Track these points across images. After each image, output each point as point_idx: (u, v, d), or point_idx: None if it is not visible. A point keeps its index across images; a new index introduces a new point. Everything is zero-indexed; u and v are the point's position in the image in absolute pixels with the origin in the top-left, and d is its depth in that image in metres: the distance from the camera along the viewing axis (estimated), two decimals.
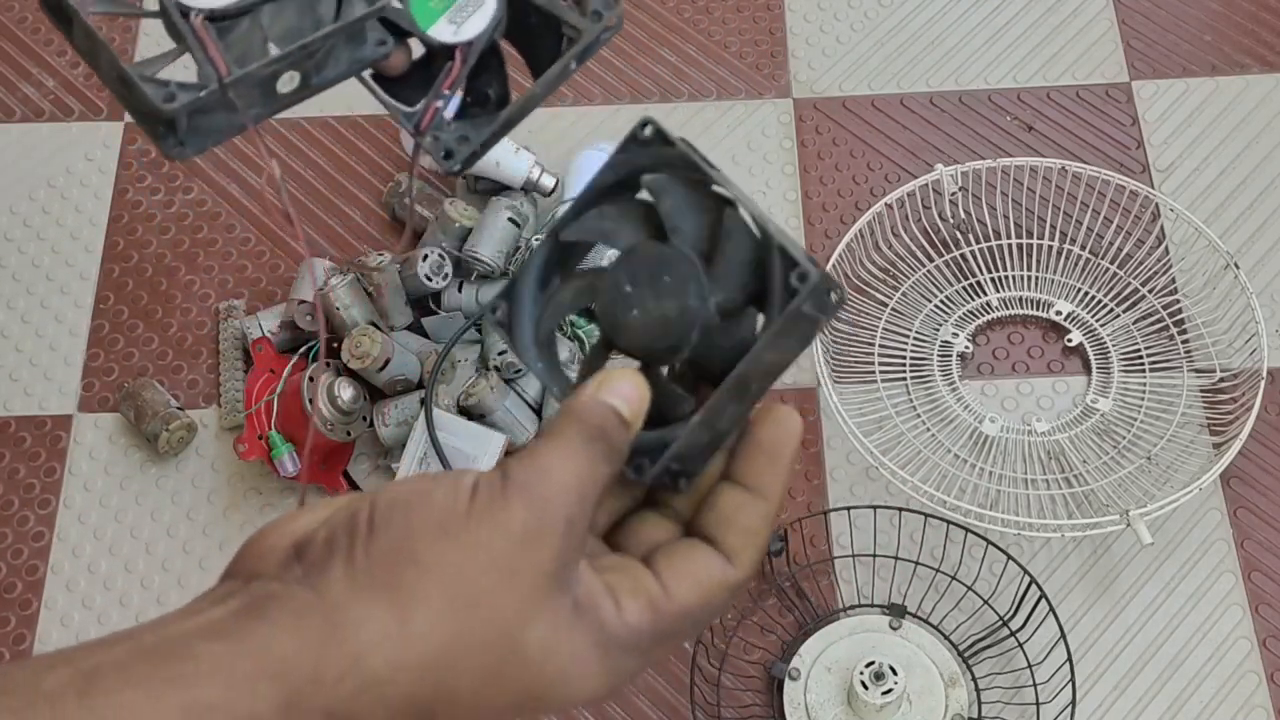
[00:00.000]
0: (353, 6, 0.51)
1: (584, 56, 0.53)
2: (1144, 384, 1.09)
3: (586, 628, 0.42)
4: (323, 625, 0.40)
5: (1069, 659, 0.94)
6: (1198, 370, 1.09)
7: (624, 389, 0.44)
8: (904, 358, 1.11)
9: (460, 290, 1.10)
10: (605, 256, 0.49)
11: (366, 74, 0.53)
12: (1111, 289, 1.13)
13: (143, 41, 1.31)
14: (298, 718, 0.39)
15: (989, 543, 0.99)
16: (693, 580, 0.44)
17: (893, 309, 1.12)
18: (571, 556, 0.41)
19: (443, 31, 0.50)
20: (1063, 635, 0.95)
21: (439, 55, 0.52)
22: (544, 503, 0.41)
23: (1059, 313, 1.13)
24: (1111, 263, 1.14)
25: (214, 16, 0.50)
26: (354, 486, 1.05)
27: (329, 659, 0.39)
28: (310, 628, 0.40)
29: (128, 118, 1.27)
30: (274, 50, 0.49)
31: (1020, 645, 0.98)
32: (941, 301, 1.13)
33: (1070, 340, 1.12)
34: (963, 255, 1.15)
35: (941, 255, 1.15)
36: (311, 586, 0.40)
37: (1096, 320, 1.12)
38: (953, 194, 1.15)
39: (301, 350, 1.08)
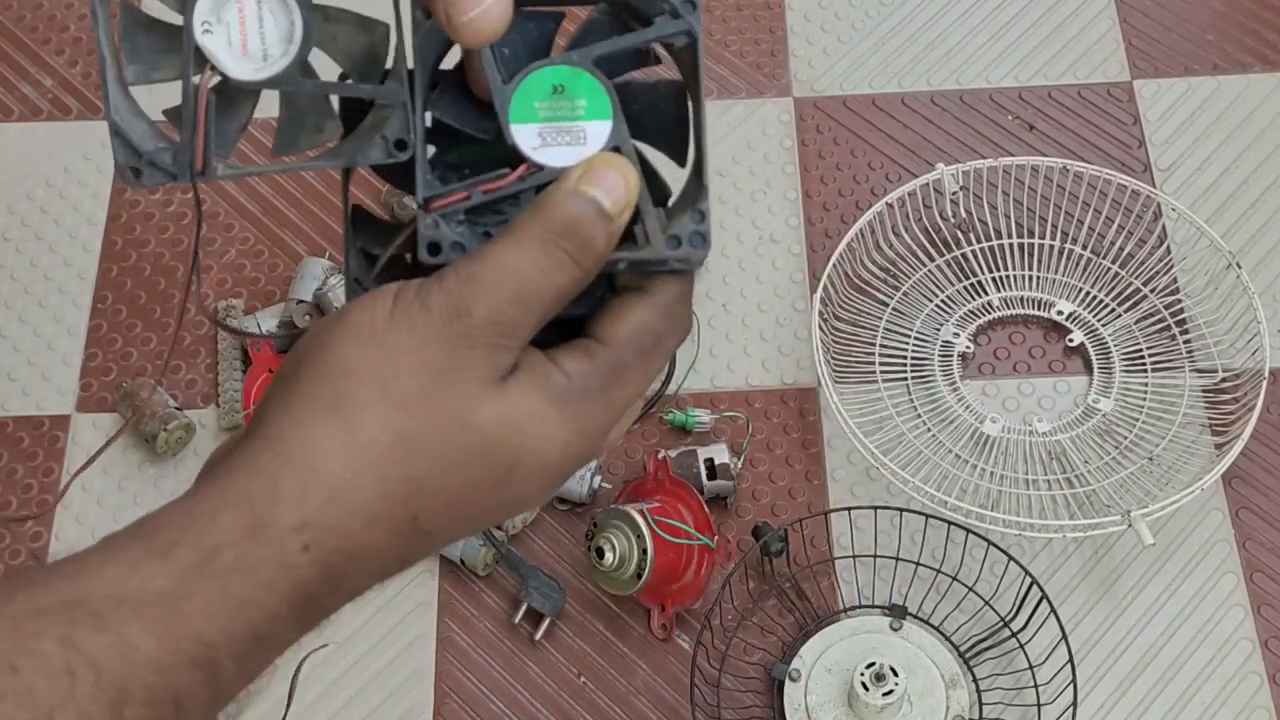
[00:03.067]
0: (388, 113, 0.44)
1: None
2: (1146, 384, 1.09)
3: (537, 392, 0.41)
4: (272, 456, 0.40)
5: (1070, 660, 0.94)
6: (1200, 370, 1.09)
7: (607, 178, 0.41)
8: (905, 358, 1.11)
9: None
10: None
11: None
12: (1113, 289, 1.13)
13: None
14: (267, 536, 0.39)
15: (990, 543, 0.99)
16: (618, 317, 0.43)
17: (893, 309, 1.12)
18: (503, 360, 0.41)
19: (526, 138, 0.43)
20: (1064, 636, 0.95)
21: (499, 151, 0.44)
22: (467, 307, 0.40)
23: (1060, 312, 1.12)
24: (1113, 262, 1.13)
25: (224, 90, 0.44)
26: None
27: (285, 479, 0.39)
28: (259, 462, 0.40)
29: None
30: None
31: (1021, 646, 0.98)
32: (942, 301, 1.13)
33: (1072, 340, 1.11)
34: (964, 255, 1.14)
35: (942, 255, 1.14)
36: (255, 435, 0.41)
37: (1098, 320, 1.12)
38: (954, 193, 1.14)
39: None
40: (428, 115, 0.44)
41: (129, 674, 0.37)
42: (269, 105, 0.46)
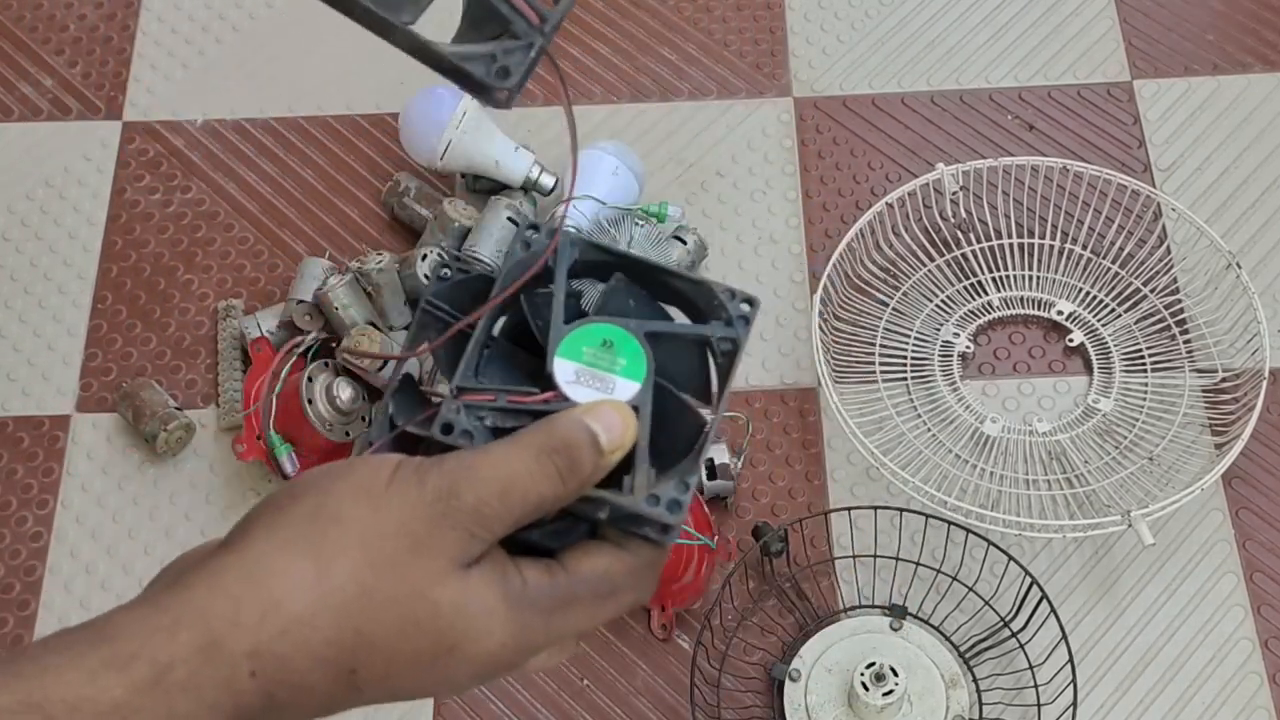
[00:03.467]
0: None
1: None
2: (1145, 384, 1.09)
3: (493, 587, 0.44)
4: (241, 577, 0.42)
5: (1070, 660, 0.94)
6: (1199, 370, 1.09)
7: (610, 418, 0.45)
8: (905, 358, 1.11)
9: None
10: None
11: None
12: (1113, 289, 1.13)
13: (140, 40, 1.31)
14: (220, 658, 0.41)
15: (990, 543, 0.99)
16: (588, 554, 0.47)
17: (894, 309, 1.12)
18: (474, 549, 0.44)
19: (564, 372, 0.47)
20: (1064, 636, 0.95)
21: (530, 367, 0.49)
22: (458, 490, 0.43)
23: (1060, 312, 1.12)
24: (1113, 262, 1.13)
25: None
26: None
27: (248, 603, 0.41)
28: (228, 581, 0.42)
29: (126, 116, 1.27)
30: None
31: (1021, 646, 0.98)
32: (942, 301, 1.13)
33: (1071, 340, 1.11)
34: (964, 255, 1.14)
35: (942, 255, 1.14)
36: (230, 550, 0.43)
37: (1098, 320, 1.12)
38: (954, 193, 1.14)
39: (300, 350, 1.08)
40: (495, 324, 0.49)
41: None
42: None
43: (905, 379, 1.10)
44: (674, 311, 0.51)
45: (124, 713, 0.39)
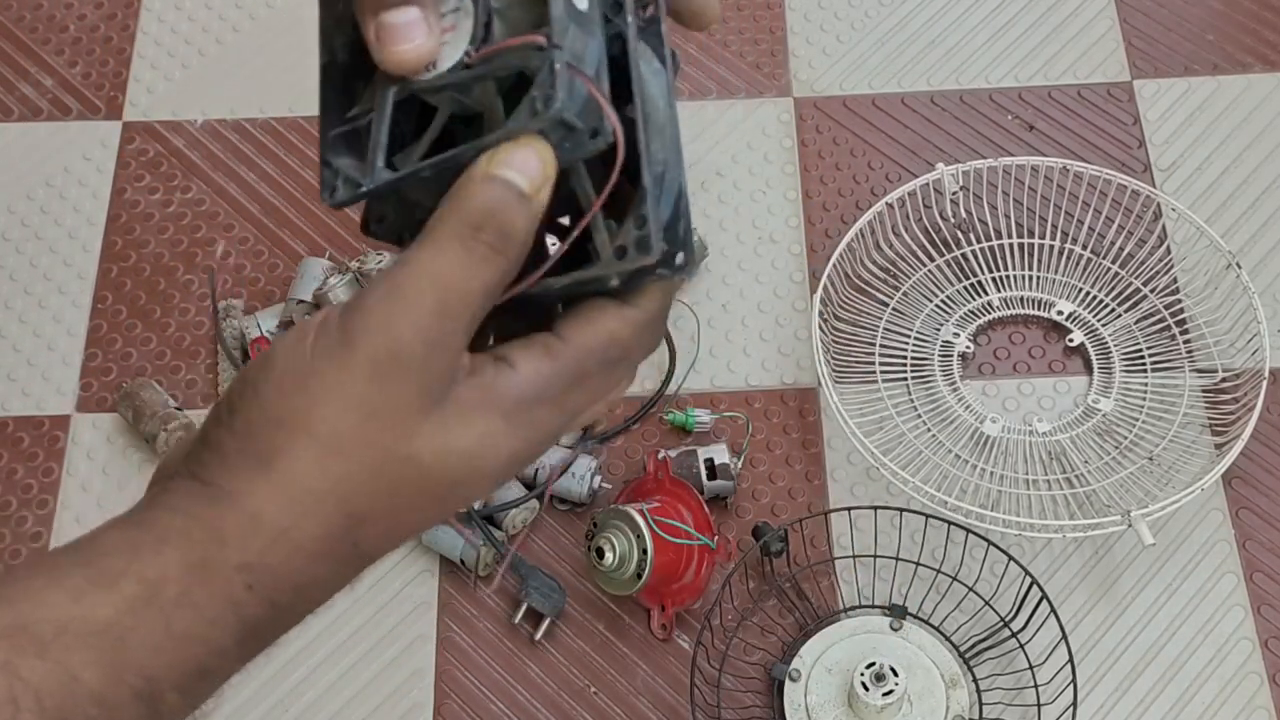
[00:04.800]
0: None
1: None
2: (1146, 384, 1.09)
3: (479, 409, 0.40)
4: (211, 500, 0.40)
5: (1070, 660, 0.94)
6: (1200, 370, 1.09)
7: (519, 158, 0.39)
8: (905, 358, 1.11)
9: None
10: None
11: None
12: (1113, 289, 1.13)
13: (140, 40, 1.31)
14: (210, 575, 0.39)
15: (990, 543, 0.99)
16: (587, 321, 0.41)
17: (893, 309, 1.12)
18: (437, 380, 0.39)
19: None
20: (1064, 636, 0.94)
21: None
22: (393, 334, 0.39)
23: (1060, 312, 1.12)
24: (1113, 262, 1.13)
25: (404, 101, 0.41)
26: None
27: (227, 522, 0.39)
28: (199, 504, 0.40)
29: (126, 116, 1.27)
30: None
31: (1021, 646, 0.98)
32: (942, 301, 1.13)
33: (1072, 340, 1.11)
34: (964, 255, 1.14)
35: (942, 255, 1.14)
36: (192, 476, 0.41)
37: (1098, 320, 1.12)
38: (954, 193, 1.14)
39: None
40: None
41: (71, 705, 0.37)
42: None
43: (905, 379, 1.10)
44: None
45: (118, 631, 0.37)
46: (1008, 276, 1.14)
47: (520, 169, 0.38)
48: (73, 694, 0.37)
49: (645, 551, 0.94)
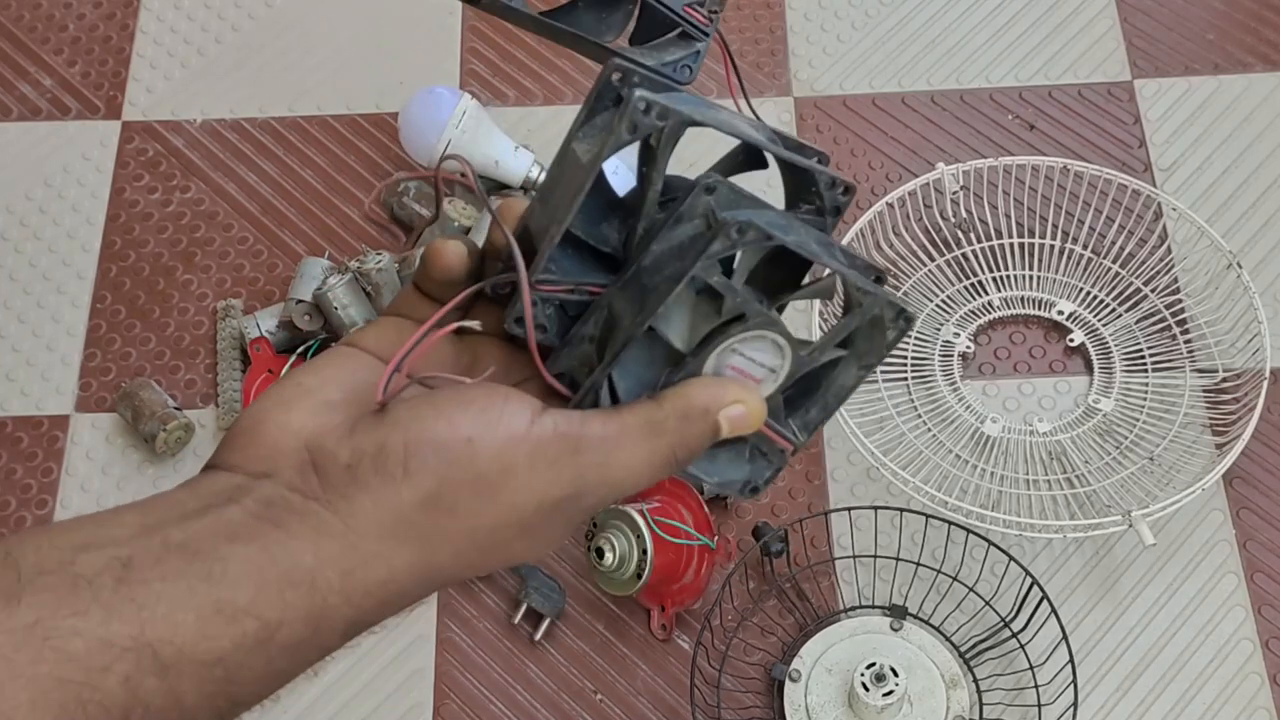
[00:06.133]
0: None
1: None
2: (1146, 384, 1.09)
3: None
4: (349, 551, 0.41)
5: (1071, 660, 0.94)
6: (1200, 370, 1.09)
7: (741, 416, 0.44)
8: (905, 357, 1.10)
9: None
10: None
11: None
12: (1113, 288, 1.13)
13: (139, 40, 1.30)
14: (323, 627, 0.41)
15: (990, 544, 0.99)
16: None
17: None
18: (583, 521, 0.45)
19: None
20: (1064, 636, 0.94)
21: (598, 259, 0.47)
22: (583, 492, 0.42)
23: (1061, 312, 1.12)
24: (1113, 262, 1.13)
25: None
26: None
27: (357, 581, 0.41)
28: (335, 549, 0.41)
29: (125, 116, 1.27)
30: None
31: (1022, 646, 0.98)
32: (943, 301, 1.13)
33: (1072, 340, 1.11)
34: (964, 254, 1.14)
35: (943, 254, 1.14)
36: (334, 510, 0.41)
37: (1098, 320, 1.12)
38: (954, 193, 1.14)
39: (300, 350, 1.08)
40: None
41: None
42: None
43: (905, 379, 1.10)
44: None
45: (227, 666, 0.39)
46: (1008, 276, 1.14)
47: (733, 424, 0.44)
48: (175, 715, 0.39)
49: (645, 551, 0.94)
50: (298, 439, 0.42)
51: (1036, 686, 0.96)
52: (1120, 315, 1.12)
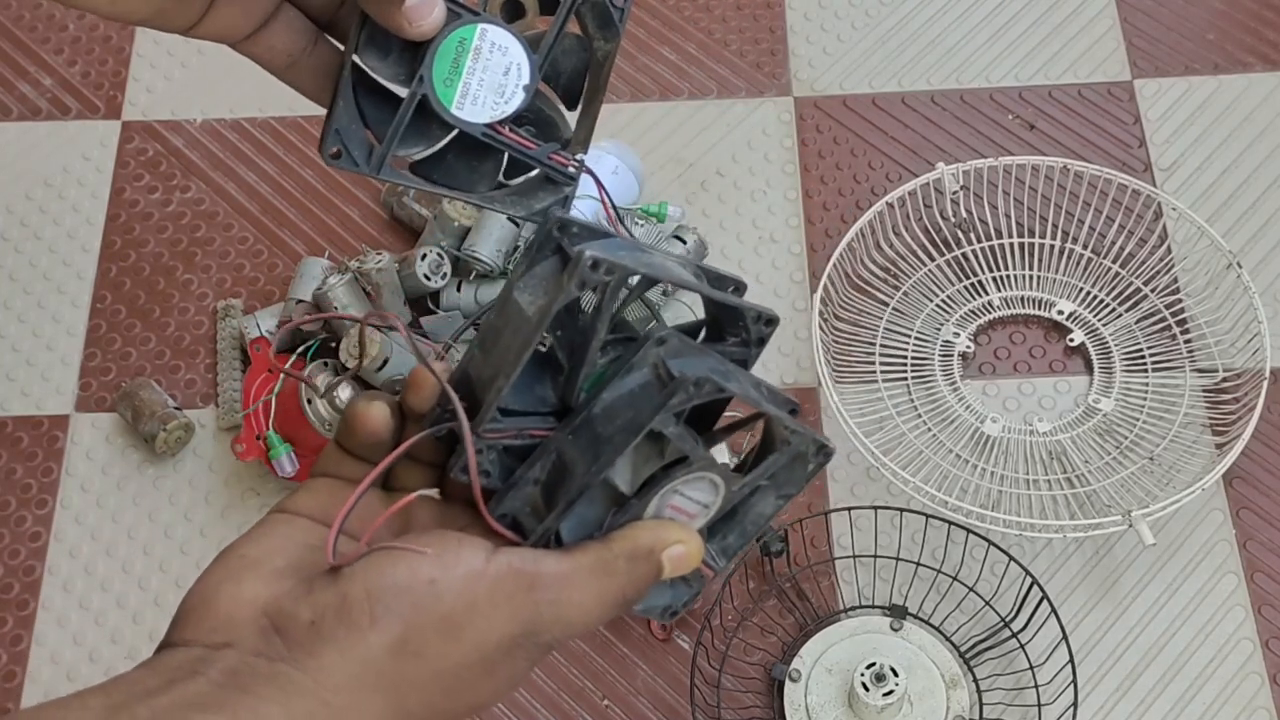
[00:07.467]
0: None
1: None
2: (1146, 384, 1.09)
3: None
4: (321, 708, 0.41)
5: (1071, 660, 0.94)
6: (1200, 370, 1.09)
7: (682, 557, 0.46)
8: (905, 357, 1.10)
9: (459, 290, 1.10)
10: None
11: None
12: (1113, 288, 1.13)
13: (139, 39, 1.30)
14: None
15: (990, 543, 0.99)
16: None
17: (894, 308, 1.12)
18: (547, 649, 0.45)
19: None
20: (1064, 636, 0.94)
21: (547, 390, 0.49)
22: (540, 630, 0.44)
23: (1061, 312, 1.12)
24: (1114, 262, 1.13)
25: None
26: None
27: None
28: (307, 707, 0.41)
29: (125, 115, 1.27)
30: None
31: (1022, 646, 0.98)
32: (943, 301, 1.13)
33: (1072, 340, 1.11)
34: (964, 254, 1.14)
35: (943, 254, 1.14)
36: (302, 669, 0.41)
37: (1098, 320, 1.12)
38: (954, 193, 1.14)
39: (300, 350, 1.08)
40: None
41: None
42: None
43: (905, 379, 1.10)
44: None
45: None
46: (1008, 276, 1.14)
47: (675, 565, 0.46)
48: None
49: None
50: (254, 607, 0.42)
51: (1036, 686, 0.96)
52: (1120, 315, 1.12)
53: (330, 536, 0.43)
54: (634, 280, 0.46)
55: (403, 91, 0.50)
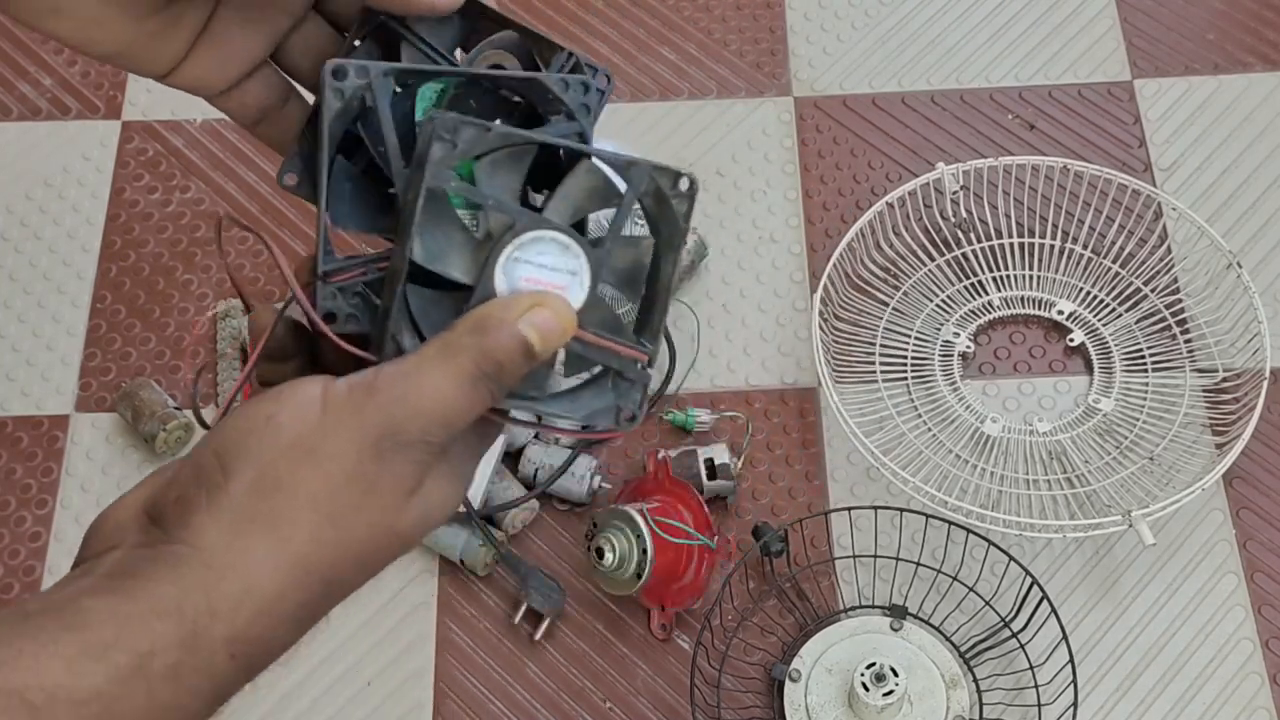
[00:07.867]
0: None
1: None
2: (1146, 384, 1.09)
3: (446, 478, 0.45)
4: (205, 569, 0.41)
5: (1071, 660, 0.94)
6: (1200, 370, 1.09)
7: (546, 320, 0.44)
8: (905, 357, 1.10)
9: None
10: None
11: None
12: (1113, 288, 1.13)
13: None
14: (199, 647, 0.41)
15: (990, 543, 0.99)
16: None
17: (894, 308, 1.12)
18: (425, 470, 0.44)
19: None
20: (1064, 636, 0.94)
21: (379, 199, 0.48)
22: (399, 428, 0.43)
23: (1061, 312, 1.12)
24: (1113, 262, 1.13)
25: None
26: None
27: (221, 593, 0.41)
28: (191, 573, 0.41)
29: (125, 115, 1.27)
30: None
31: (1022, 646, 0.98)
32: (943, 301, 1.13)
33: (1072, 340, 1.11)
34: (964, 254, 1.14)
35: (943, 254, 1.14)
36: (180, 541, 0.42)
37: (1098, 320, 1.12)
38: (954, 193, 1.14)
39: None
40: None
41: None
42: None
43: (905, 379, 1.10)
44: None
45: (104, 700, 0.39)
46: (1008, 276, 1.14)
47: (543, 335, 0.43)
48: None
49: (645, 551, 0.94)
50: (133, 510, 0.44)
51: (1036, 686, 0.96)
52: (1120, 315, 1.12)
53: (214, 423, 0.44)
54: (387, 77, 0.43)
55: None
